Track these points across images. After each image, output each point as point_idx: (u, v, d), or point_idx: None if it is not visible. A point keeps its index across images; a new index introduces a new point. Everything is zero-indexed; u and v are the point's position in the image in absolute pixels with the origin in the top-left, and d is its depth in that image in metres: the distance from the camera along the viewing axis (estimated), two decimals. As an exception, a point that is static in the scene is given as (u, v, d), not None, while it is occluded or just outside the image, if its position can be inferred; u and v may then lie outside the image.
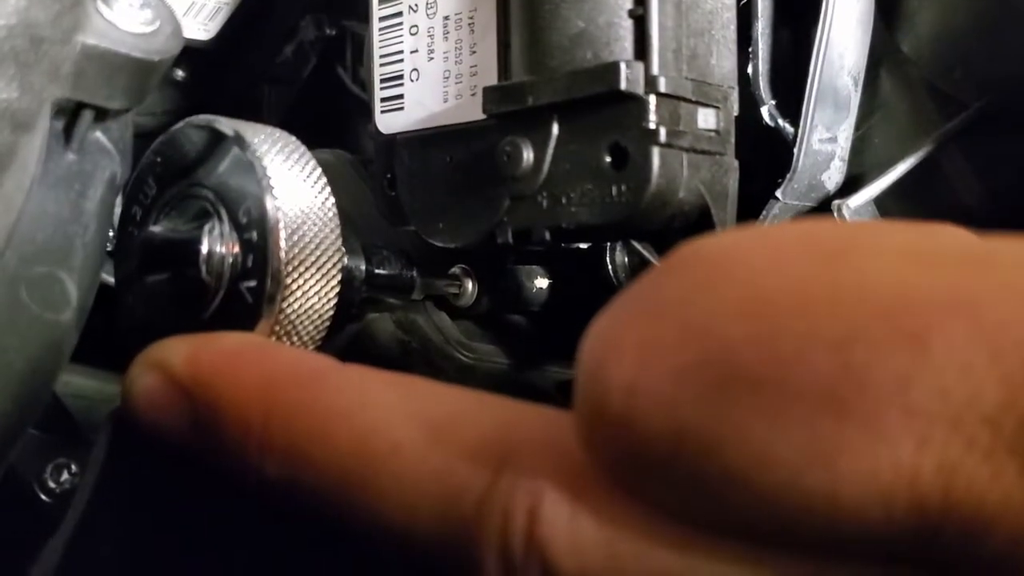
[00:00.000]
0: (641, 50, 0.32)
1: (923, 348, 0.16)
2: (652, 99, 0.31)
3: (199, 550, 0.31)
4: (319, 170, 0.33)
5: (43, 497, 0.37)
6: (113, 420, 0.31)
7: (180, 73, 0.55)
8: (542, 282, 0.43)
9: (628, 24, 0.32)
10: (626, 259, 0.40)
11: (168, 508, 0.31)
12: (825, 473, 0.16)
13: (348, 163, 0.46)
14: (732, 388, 0.17)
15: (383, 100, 0.39)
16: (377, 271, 0.38)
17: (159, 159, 0.34)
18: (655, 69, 0.31)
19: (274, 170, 0.31)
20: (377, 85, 0.39)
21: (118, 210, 0.35)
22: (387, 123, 0.39)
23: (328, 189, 0.33)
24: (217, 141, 0.33)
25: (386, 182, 0.40)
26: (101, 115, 0.31)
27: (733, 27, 0.34)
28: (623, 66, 0.31)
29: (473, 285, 0.42)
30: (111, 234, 0.34)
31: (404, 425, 0.24)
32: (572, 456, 0.20)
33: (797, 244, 0.19)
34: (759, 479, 0.17)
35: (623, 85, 0.31)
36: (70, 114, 0.30)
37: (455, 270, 0.42)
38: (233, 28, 0.52)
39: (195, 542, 0.31)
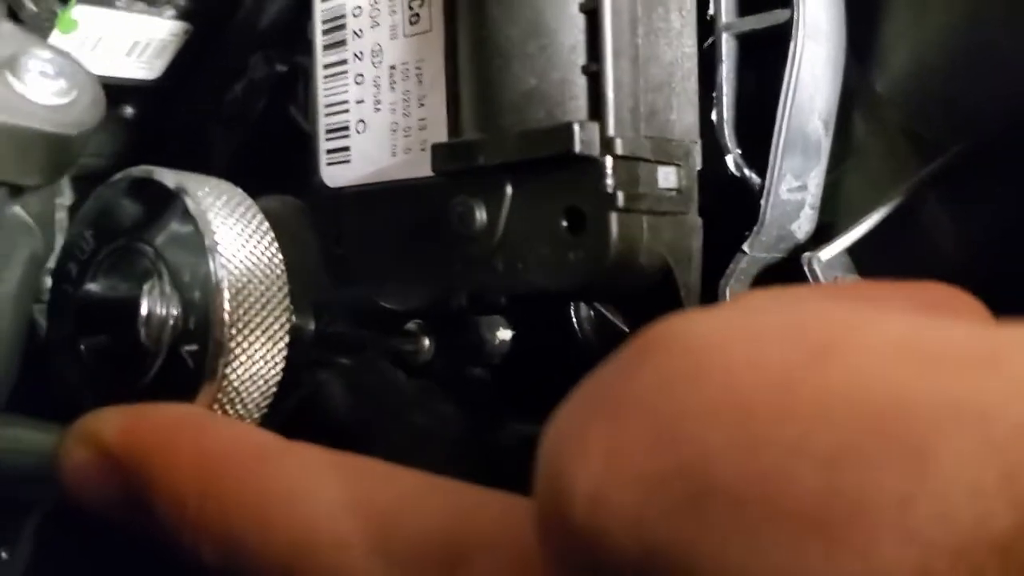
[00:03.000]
0: (596, 109, 0.30)
1: (924, 465, 0.14)
2: (609, 161, 0.29)
3: None
4: (266, 224, 0.32)
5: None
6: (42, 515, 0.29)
7: (128, 111, 0.53)
8: (504, 334, 0.41)
9: (582, 81, 0.30)
10: (592, 312, 0.38)
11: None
12: None
13: (297, 211, 0.44)
14: (707, 503, 0.15)
15: (329, 152, 0.37)
16: (327, 330, 0.36)
17: (97, 212, 0.32)
18: (611, 130, 0.29)
19: (218, 226, 0.30)
20: (322, 136, 0.37)
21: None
22: (333, 176, 0.37)
23: (275, 245, 0.31)
24: (159, 194, 0.31)
25: (332, 238, 0.38)
26: (17, 191, 0.29)
27: (695, 77, 0.33)
28: (577, 127, 0.29)
29: (430, 342, 0.40)
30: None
31: (349, 517, 0.22)
32: (527, 555, 0.19)
33: (781, 335, 0.17)
34: None
35: (577, 147, 0.29)
36: (-18, 192, 0.28)
37: (411, 326, 0.40)
38: (181, 65, 0.50)
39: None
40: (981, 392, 0.14)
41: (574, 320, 0.39)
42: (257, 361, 0.29)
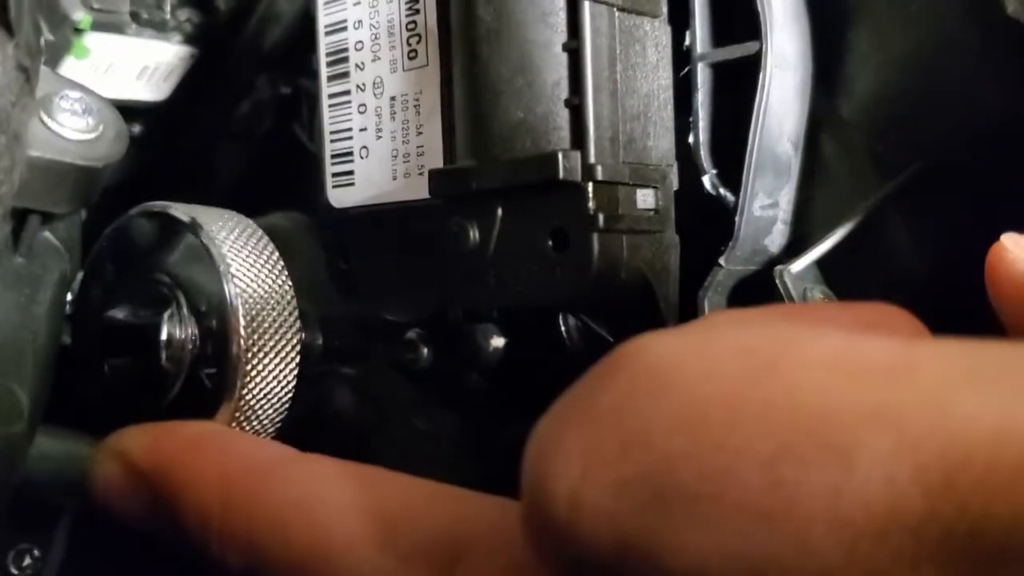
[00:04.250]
0: (579, 139, 0.32)
1: (848, 463, 0.16)
2: (590, 187, 0.32)
3: None
4: (275, 251, 0.34)
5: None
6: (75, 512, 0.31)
7: (136, 129, 0.55)
8: (498, 341, 0.44)
9: (565, 113, 0.33)
10: (578, 323, 0.41)
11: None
12: None
13: (304, 228, 0.46)
14: (669, 501, 0.18)
15: (334, 175, 0.40)
16: (334, 343, 0.39)
17: (116, 245, 0.35)
18: (592, 158, 0.32)
19: (232, 256, 0.32)
20: (328, 160, 0.40)
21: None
22: (339, 197, 0.40)
23: (285, 271, 0.33)
24: (173, 228, 0.33)
25: (338, 255, 0.40)
26: (48, 217, 0.32)
27: (670, 106, 0.35)
28: (560, 156, 0.32)
29: (429, 350, 0.43)
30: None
31: (359, 521, 0.25)
32: (519, 555, 0.21)
33: (731, 355, 0.19)
34: None
35: (561, 174, 0.32)
36: (17, 219, 0.31)
37: (411, 335, 0.43)
38: (187, 87, 0.53)
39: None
40: (897, 400, 0.17)
41: (562, 329, 0.41)
42: (271, 380, 0.32)
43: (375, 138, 0.38)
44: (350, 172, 0.39)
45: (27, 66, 0.27)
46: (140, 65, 0.49)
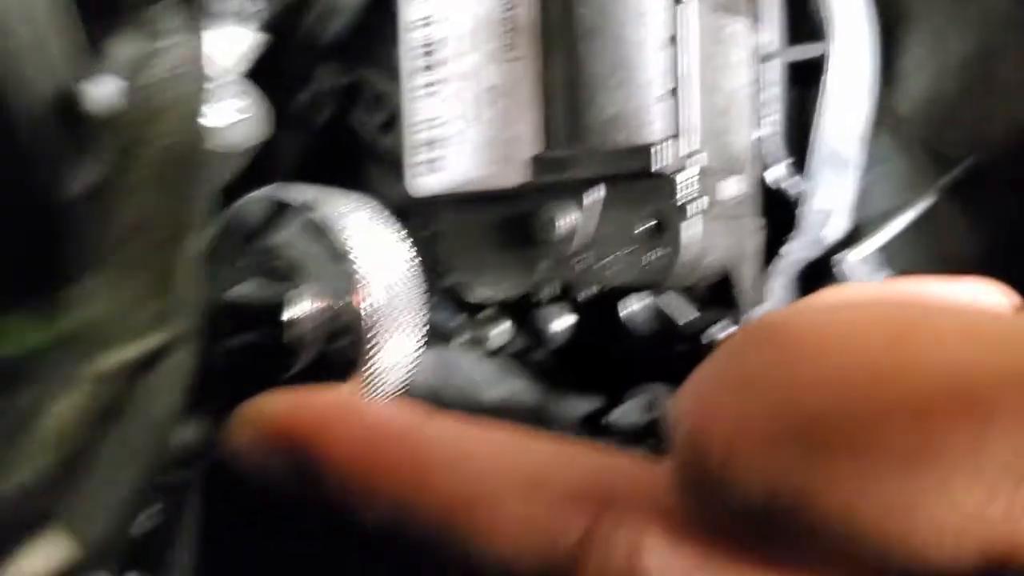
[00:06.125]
0: (672, 132, 0.35)
1: (988, 417, 0.18)
2: (682, 176, 0.34)
3: None
4: (393, 227, 0.35)
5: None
6: (205, 475, 0.33)
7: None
8: (564, 323, 0.46)
9: (658, 108, 0.35)
10: (639, 306, 0.43)
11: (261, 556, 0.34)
12: (903, 522, 0.19)
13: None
14: (820, 453, 0.20)
15: (419, 164, 0.42)
16: (432, 318, 0.40)
17: (233, 227, 0.35)
18: (684, 149, 0.34)
19: (357, 234, 0.33)
20: (411, 149, 0.42)
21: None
22: (423, 185, 0.42)
23: (406, 245, 0.34)
24: (294, 209, 0.34)
25: (426, 239, 0.42)
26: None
27: (749, 104, 0.38)
28: (655, 148, 0.34)
29: (504, 328, 0.45)
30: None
31: (503, 476, 0.25)
32: (666, 501, 0.23)
33: (868, 325, 0.21)
34: (843, 529, 0.20)
35: (654, 166, 0.34)
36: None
37: (488, 313, 0.45)
38: (252, 75, 0.54)
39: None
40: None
41: (626, 312, 0.44)
42: (397, 353, 0.33)
43: (465, 127, 0.40)
44: (436, 160, 0.41)
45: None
46: (219, 52, 0.51)
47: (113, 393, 0.26)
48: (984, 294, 0.27)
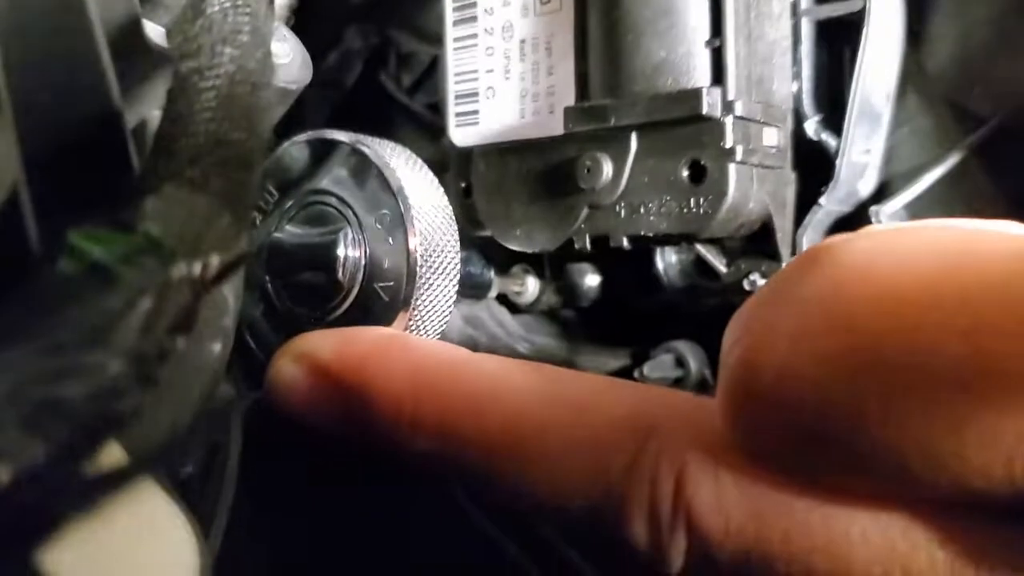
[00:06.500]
0: (718, 77, 0.35)
1: None
2: (729, 121, 0.35)
3: (331, 536, 0.34)
4: (431, 172, 0.35)
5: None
6: (245, 414, 0.33)
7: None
8: (594, 279, 0.47)
9: (705, 53, 0.36)
10: (675, 259, 0.44)
11: (302, 496, 0.34)
12: (956, 440, 0.19)
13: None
14: (874, 372, 0.20)
15: (458, 115, 0.42)
16: (465, 271, 0.41)
17: (279, 168, 0.35)
18: (731, 94, 0.35)
19: (403, 176, 0.33)
20: (452, 100, 0.43)
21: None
22: (462, 136, 0.42)
23: (441, 190, 0.35)
24: (341, 150, 0.34)
25: (462, 190, 0.43)
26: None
27: (789, 54, 0.38)
28: (705, 92, 0.35)
29: (534, 284, 0.46)
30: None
31: (549, 405, 0.26)
32: (711, 428, 0.23)
33: (923, 248, 0.21)
34: (896, 446, 0.20)
35: (704, 110, 0.35)
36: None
37: (517, 269, 0.46)
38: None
39: (329, 528, 0.34)
40: None
41: (660, 267, 0.44)
42: (438, 295, 0.33)
43: (503, 79, 0.41)
44: (475, 112, 0.42)
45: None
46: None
47: (182, 305, 0.26)
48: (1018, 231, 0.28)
